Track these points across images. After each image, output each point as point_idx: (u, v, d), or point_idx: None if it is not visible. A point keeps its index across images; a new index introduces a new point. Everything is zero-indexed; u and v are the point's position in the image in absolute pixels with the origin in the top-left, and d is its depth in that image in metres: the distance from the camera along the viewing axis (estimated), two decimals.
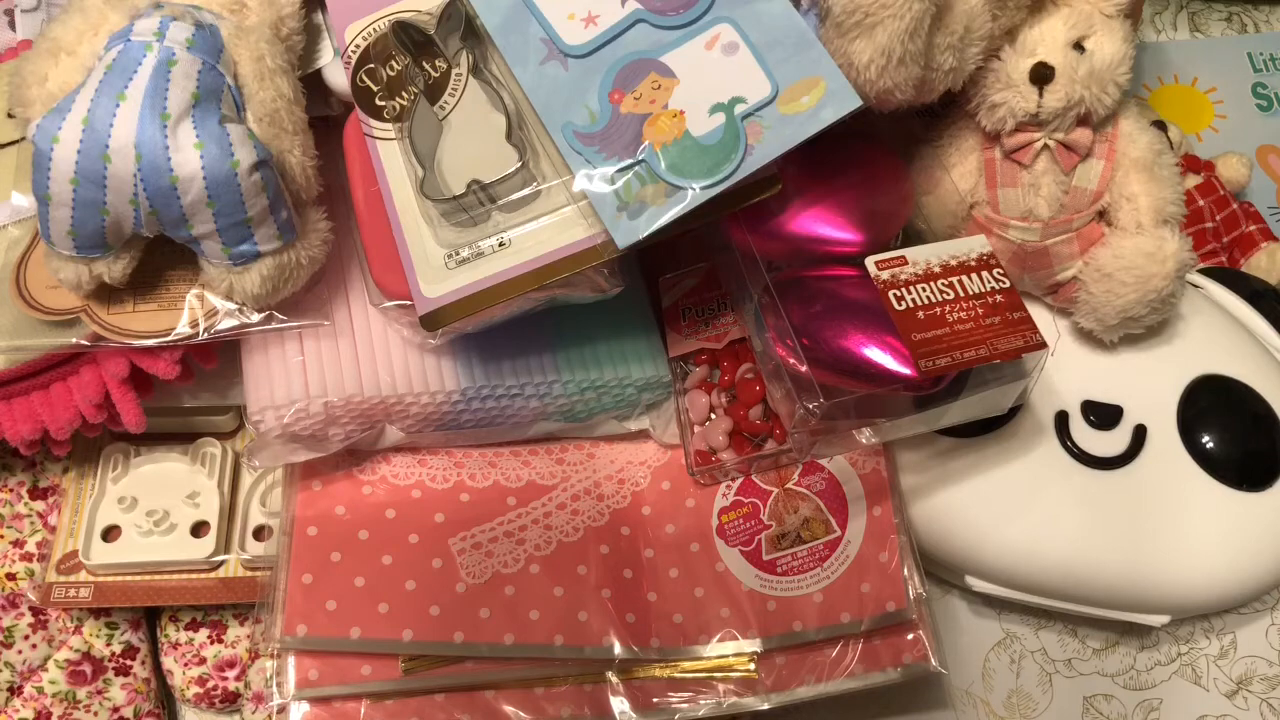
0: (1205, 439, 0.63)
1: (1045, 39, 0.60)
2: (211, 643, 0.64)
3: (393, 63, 0.58)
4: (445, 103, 0.57)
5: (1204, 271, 0.71)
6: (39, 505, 0.65)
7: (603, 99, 0.55)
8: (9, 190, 0.60)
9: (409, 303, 0.55)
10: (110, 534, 0.62)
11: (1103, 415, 0.64)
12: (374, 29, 0.59)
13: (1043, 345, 0.54)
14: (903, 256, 0.56)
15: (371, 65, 0.58)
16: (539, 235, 0.55)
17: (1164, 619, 0.63)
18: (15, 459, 0.65)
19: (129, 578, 0.62)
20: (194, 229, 0.52)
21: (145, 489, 0.63)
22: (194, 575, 0.62)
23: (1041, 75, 0.59)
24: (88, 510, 0.63)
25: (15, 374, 0.58)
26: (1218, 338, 0.66)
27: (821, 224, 0.58)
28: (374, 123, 0.58)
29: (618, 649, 0.59)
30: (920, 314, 0.54)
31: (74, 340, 0.56)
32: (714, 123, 0.54)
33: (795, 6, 0.55)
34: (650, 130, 0.54)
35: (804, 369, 0.55)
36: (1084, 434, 0.63)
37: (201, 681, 0.64)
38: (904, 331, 0.54)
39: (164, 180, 0.50)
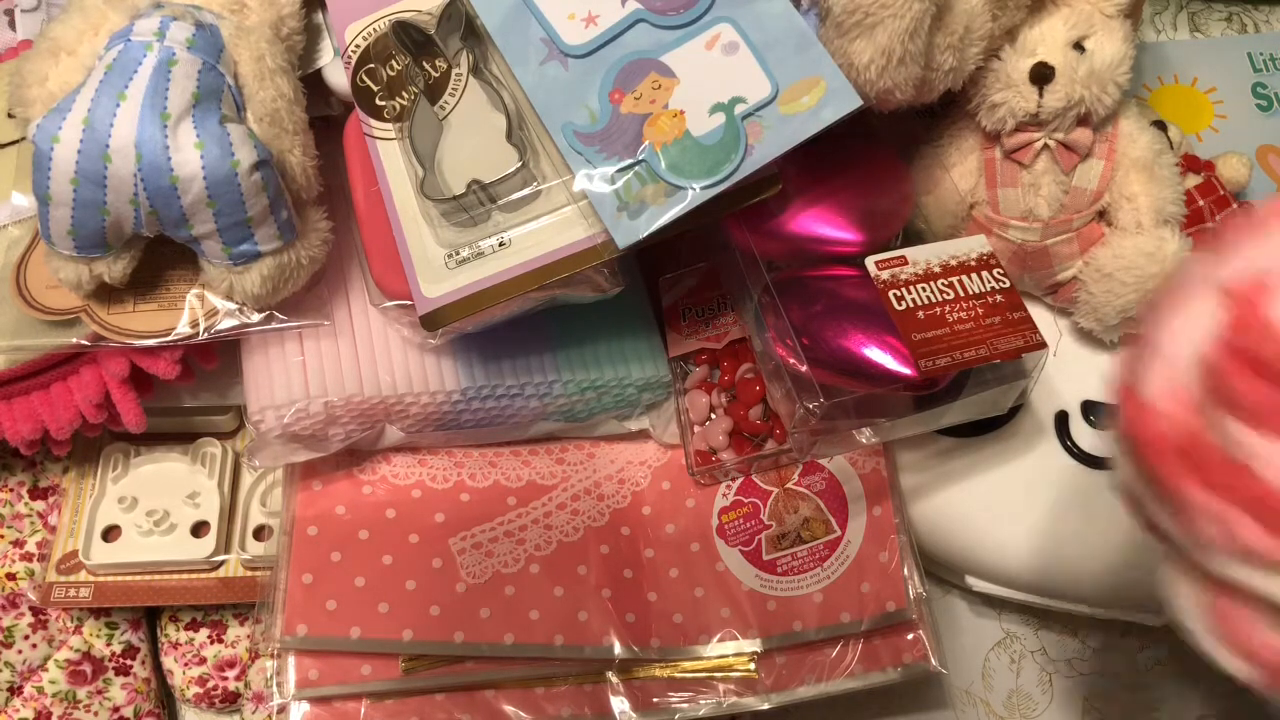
0: None
1: (1045, 39, 0.60)
2: (211, 643, 0.64)
3: (393, 63, 0.58)
4: (445, 103, 0.57)
5: None
6: (39, 505, 0.65)
7: (603, 99, 0.55)
8: (9, 190, 0.60)
9: (409, 303, 0.55)
10: (110, 534, 0.62)
11: (1103, 415, 0.63)
12: (374, 29, 0.59)
13: (1043, 345, 0.54)
14: (903, 256, 0.56)
15: (372, 65, 0.58)
16: (539, 235, 0.55)
17: (1164, 619, 0.63)
18: (15, 459, 0.65)
19: (129, 578, 0.62)
20: (194, 229, 0.52)
21: (145, 489, 0.63)
22: (194, 575, 0.62)
23: (1041, 75, 0.59)
24: (88, 510, 0.62)
25: (15, 374, 0.58)
26: None
27: (821, 224, 0.58)
28: (374, 123, 0.58)
29: (618, 649, 0.59)
30: (920, 314, 0.54)
31: (74, 340, 0.56)
32: (714, 122, 0.53)
33: (795, 6, 0.55)
34: (650, 130, 0.54)
35: (804, 369, 0.55)
36: (1084, 434, 0.63)
37: (201, 681, 0.63)
38: (904, 331, 0.54)
39: (164, 180, 0.49)
